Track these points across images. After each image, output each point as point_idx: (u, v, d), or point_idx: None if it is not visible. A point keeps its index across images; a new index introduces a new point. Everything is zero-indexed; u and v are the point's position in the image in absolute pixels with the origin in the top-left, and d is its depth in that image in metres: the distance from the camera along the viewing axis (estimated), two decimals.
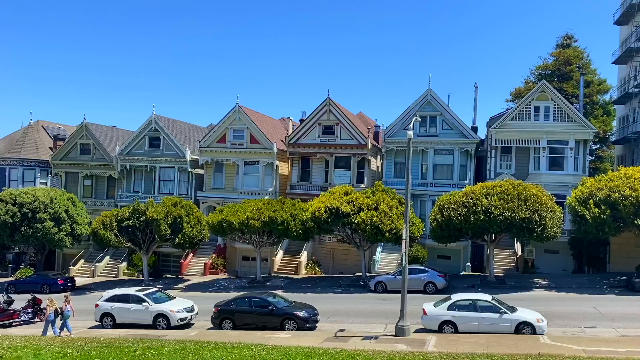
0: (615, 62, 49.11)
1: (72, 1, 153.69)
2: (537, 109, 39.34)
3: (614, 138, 52.22)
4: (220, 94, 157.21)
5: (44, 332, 24.06)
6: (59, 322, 24.42)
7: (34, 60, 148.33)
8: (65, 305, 24.47)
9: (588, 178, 34.09)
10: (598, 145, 57.82)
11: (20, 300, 29.75)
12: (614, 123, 55.51)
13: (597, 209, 30.15)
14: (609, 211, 29.97)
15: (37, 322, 28.10)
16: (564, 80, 55.48)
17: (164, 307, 25.34)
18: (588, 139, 39.12)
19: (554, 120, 38.96)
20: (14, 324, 27.43)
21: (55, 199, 41.53)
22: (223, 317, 24.42)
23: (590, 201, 30.71)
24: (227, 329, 24.05)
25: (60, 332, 24.10)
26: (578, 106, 43.22)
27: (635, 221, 29.67)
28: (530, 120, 39.38)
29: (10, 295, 31.09)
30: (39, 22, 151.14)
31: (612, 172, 34.90)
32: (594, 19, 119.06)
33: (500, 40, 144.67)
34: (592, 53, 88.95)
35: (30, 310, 28.07)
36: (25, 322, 27.84)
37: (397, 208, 33.91)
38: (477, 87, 46.75)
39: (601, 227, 30.51)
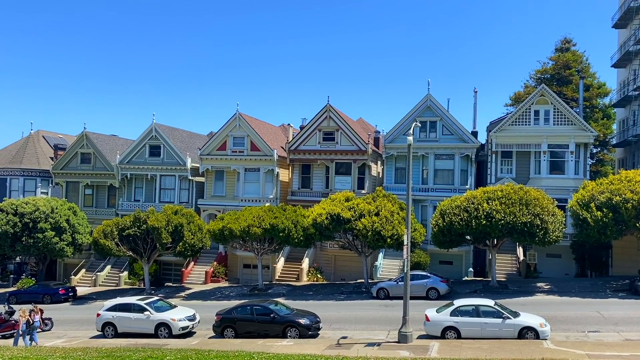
0: (614, 66, 49.17)
1: (71, 10, 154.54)
2: (537, 113, 39.35)
3: (614, 141, 52.19)
4: (220, 102, 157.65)
5: (27, 342, 24.08)
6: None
7: (34, 70, 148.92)
8: (34, 316, 24.61)
9: (589, 181, 34.02)
10: (599, 149, 57.81)
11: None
12: (614, 126, 55.51)
13: (598, 213, 30.08)
14: (610, 214, 29.90)
15: (38, 332, 27.98)
16: (564, 84, 55.54)
17: (166, 316, 25.25)
18: (588, 143, 39.10)
19: (554, 124, 38.95)
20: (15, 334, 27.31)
21: (56, 208, 41.52)
22: (225, 325, 24.34)
23: (592, 204, 30.64)
24: (229, 337, 23.95)
25: (28, 343, 24.24)
26: (578, 110, 43.23)
27: (638, 224, 29.57)
28: (530, 124, 39.37)
29: (11, 305, 31.02)
30: (39, 31, 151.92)
31: (613, 175, 34.83)
32: (593, 22, 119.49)
33: (499, 44, 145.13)
34: (591, 57, 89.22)
35: None
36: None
37: (398, 214, 33.85)
38: (476, 92, 46.82)
39: (603, 231, 30.42)
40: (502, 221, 30.19)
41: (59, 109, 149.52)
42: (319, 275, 40.98)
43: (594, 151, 56.49)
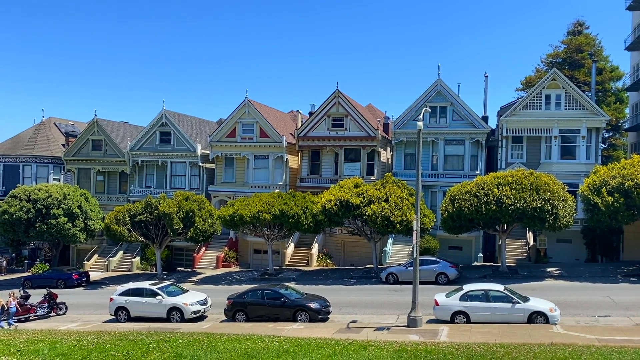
0: (628, 49, 48.39)
1: None
2: (548, 97, 38.96)
3: (626, 125, 51.60)
4: (230, 88, 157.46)
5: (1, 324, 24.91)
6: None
7: (45, 58, 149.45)
8: (10, 302, 25.49)
9: (600, 166, 33.73)
10: (611, 133, 57.17)
11: (36, 295, 30.21)
12: (627, 110, 54.83)
13: (610, 197, 29.87)
14: (622, 199, 29.68)
15: (53, 316, 28.55)
16: (576, 68, 54.82)
17: (178, 300, 25.56)
18: (600, 127, 38.69)
19: (565, 109, 38.57)
20: (30, 318, 27.90)
21: (69, 195, 41.96)
22: (236, 309, 24.61)
23: (603, 189, 30.42)
24: (240, 321, 24.24)
25: (7, 326, 24.96)
26: (590, 94, 42.75)
27: None
28: (541, 109, 39.01)
29: (26, 290, 31.58)
30: (48, 17, 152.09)
31: (625, 159, 34.50)
32: (606, 5, 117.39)
33: (510, 28, 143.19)
34: (603, 40, 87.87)
35: (46, 304, 28.52)
36: (42, 317, 28.29)
37: (407, 199, 33.85)
38: (487, 76, 46.41)
39: (614, 216, 30.24)
40: (513, 206, 30.09)
41: (70, 96, 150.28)
42: (328, 261, 41.21)
43: (606, 135, 55.90)
